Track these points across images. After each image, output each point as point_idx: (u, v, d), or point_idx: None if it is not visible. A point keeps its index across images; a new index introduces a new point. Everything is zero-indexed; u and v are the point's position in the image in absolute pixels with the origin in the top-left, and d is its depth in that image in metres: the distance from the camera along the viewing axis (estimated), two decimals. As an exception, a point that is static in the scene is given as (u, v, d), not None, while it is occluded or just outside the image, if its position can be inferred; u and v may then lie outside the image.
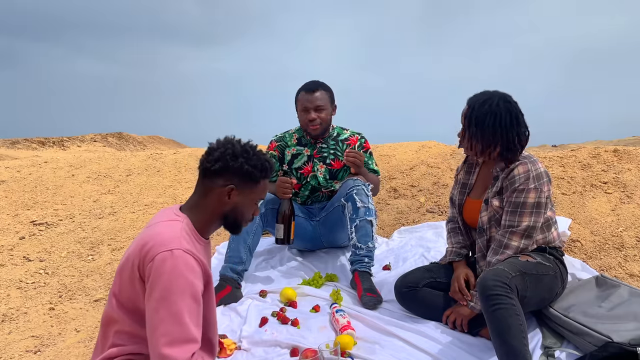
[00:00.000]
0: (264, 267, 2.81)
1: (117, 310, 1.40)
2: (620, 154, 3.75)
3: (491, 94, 1.98)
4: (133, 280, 1.36)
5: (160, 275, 1.29)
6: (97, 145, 19.63)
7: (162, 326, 1.27)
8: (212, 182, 1.46)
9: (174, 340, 1.27)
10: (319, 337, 1.99)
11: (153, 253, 1.31)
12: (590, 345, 1.74)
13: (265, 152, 2.78)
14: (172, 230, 1.38)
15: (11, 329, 2.43)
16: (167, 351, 1.25)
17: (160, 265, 1.30)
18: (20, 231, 3.64)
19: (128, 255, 1.40)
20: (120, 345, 1.40)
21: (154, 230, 1.40)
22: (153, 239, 1.35)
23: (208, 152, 1.48)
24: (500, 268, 1.74)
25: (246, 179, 1.47)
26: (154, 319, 1.29)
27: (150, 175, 4.72)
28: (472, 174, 2.19)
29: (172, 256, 1.30)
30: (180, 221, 1.43)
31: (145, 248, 1.34)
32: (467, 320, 1.96)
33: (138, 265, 1.35)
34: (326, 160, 2.73)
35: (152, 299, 1.30)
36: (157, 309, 1.28)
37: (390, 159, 4.59)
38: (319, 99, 2.62)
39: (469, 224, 2.19)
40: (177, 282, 1.30)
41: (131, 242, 1.53)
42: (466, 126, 2.01)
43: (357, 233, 2.42)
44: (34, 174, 4.92)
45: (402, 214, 3.56)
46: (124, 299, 1.39)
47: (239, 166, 1.44)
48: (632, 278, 2.48)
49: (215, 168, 1.44)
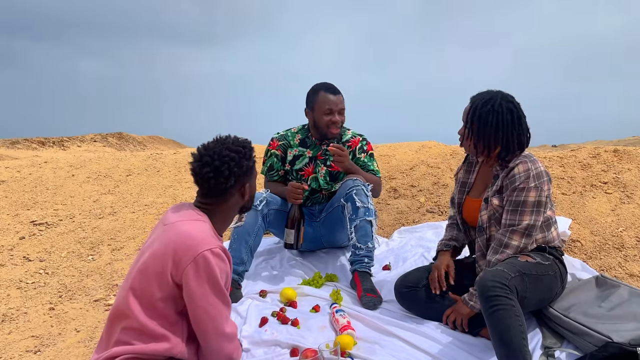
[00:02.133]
0: (264, 267, 2.81)
1: (133, 305, 1.43)
2: (620, 154, 3.75)
3: (494, 93, 1.99)
4: (161, 281, 1.43)
5: (207, 273, 1.43)
6: (97, 145, 19.64)
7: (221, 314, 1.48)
8: (229, 193, 1.60)
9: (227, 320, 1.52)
10: (319, 337, 1.99)
11: (192, 254, 1.42)
12: (590, 345, 1.74)
13: (267, 151, 2.79)
14: (202, 230, 1.50)
15: (11, 329, 2.43)
16: (229, 329, 1.51)
17: (205, 264, 1.42)
18: (20, 231, 3.64)
19: (154, 253, 1.46)
20: (126, 343, 1.42)
21: (181, 230, 1.47)
22: (189, 238, 1.45)
23: (217, 172, 1.55)
24: (500, 269, 1.74)
25: (249, 170, 1.65)
26: (212, 311, 1.45)
27: (150, 175, 4.72)
28: (472, 172, 2.20)
29: (213, 254, 1.44)
30: (203, 221, 1.55)
31: (180, 250, 1.43)
32: (467, 319, 1.96)
33: (172, 268, 1.42)
34: (327, 162, 2.73)
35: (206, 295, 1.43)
36: (212, 303, 1.45)
37: (390, 159, 4.59)
38: (342, 102, 2.65)
39: (468, 222, 2.19)
40: (222, 277, 1.47)
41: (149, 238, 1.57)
42: (468, 124, 2.02)
43: (356, 233, 2.42)
44: (34, 174, 4.93)
45: (402, 214, 3.56)
46: (143, 295, 1.44)
47: (245, 169, 1.60)
48: (632, 278, 2.48)
49: (232, 184, 1.58)
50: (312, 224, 2.78)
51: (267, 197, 2.58)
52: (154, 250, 1.46)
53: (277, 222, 2.67)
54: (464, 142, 2.06)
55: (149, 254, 1.47)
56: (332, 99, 2.60)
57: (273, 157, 2.79)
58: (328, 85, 2.65)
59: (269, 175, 2.83)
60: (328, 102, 2.60)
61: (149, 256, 1.46)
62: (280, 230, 2.74)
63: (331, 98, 2.60)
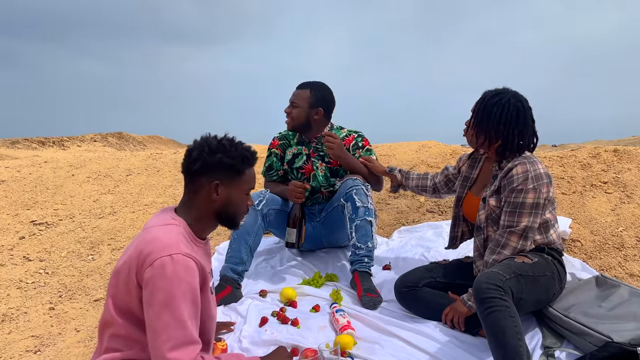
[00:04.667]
0: (264, 267, 2.81)
1: (113, 313, 1.40)
2: (620, 154, 3.75)
3: (507, 90, 2.03)
4: (129, 284, 1.36)
5: (161, 281, 1.30)
6: (97, 145, 19.64)
7: (166, 331, 1.28)
8: (197, 182, 1.48)
9: (178, 344, 1.29)
10: (319, 337, 1.99)
11: (152, 258, 1.32)
12: (591, 345, 1.74)
13: (268, 150, 2.79)
14: (170, 235, 1.39)
15: (11, 328, 2.43)
16: (172, 355, 1.27)
17: (161, 271, 1.30)
18: (20, 231, 3.64)
19: (125, 259, 1.40)
20: (114, 351, 1.40)
21: (150, 235, 1.40)
22: (151, 243, 1.35)
23: (187, 154, 1.49)
24: (495, 271, 1.75)
25: (229, 171, 1.48)
26: (157, 325, 1.29)
27: (150, 175, 4.72)
28: (475, 168, 2.22)
29: (172, 261, 1.31)
30: (176, 225, 1.44)
31: (144, 253, 1.34)
32: (463, 318, 1.97)
33: (136, 270, 1.35)
34: (324, 158, 2.73)
35: (154, 304, 1.30)
36: (159, 315, 1.29)
37: (390, 159, 4.59)
38: (295, 96, 2.66)
39: (468, 219, 2.21)
40: (179, 287, 1.31)
41: (130, 243, 1.53)
42: (474, 114, 2.05)
43: (356, 233, 2.42)
44: (34, 174, 4.93)
45: (402, 214, 3.56)
46: (119, 302, 1.39)
47: (218, 161, 1.46)
48: (632, 278, 2.48)
49: (196, 168, 1.46)
50: (312, 223, 2.78)
51: (267, 196, 2.58)
52: (126, 257, 1.41)
53: (277, 222, 2.67)
54: (467, 132, 2.10)
55: (122, 260, 1.42)
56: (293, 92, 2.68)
57: (273, 157, 2.81)
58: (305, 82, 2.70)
59: (268, 175, 2.84)
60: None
61: (122, 263, 1.41)
62: (280, 230, 2.74)
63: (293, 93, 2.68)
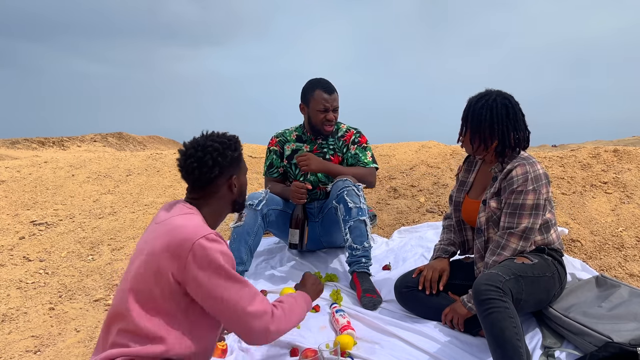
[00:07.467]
0: (264, 267, 2.81)
1: (132, 307, 1.41)
2: (620, 154, 3.76)
3: (490, 91, 2.03)
4: (160, 278, 1.40)
5: (208, 260, 1.39)
6: (97, 145, 19.64)
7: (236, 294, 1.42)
8: (215, 184, 1.57)
9: (251, 299, 1.44)
10: (319, 337, 1.99)
11: (189, 244, 1.38)
12: (591, 345, 1.74)
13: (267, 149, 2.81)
14: (194, 221, 1.47)
15: (11, 329, 2.43)
16: (252, 308, 1.42)
17: (203, 252, 1.39)
18: (20, 231, 3.64)
19: (150, 252, 1.43)
20: (122, 346, 1.41)
21: (173, 224, 1.45)
22: (180, 232, 1.42)
23: (200, 162, 1.53)
24: (494, 272, 1.75)
25: (237, 162, 1.62)
26: (225, 295, 1.40)
27: (150, 175, 4.72)
28: (472, 172, 2.21)
29: (209, 241, 1.41)
30: (194, 214, 1.52)
31: (175, 241, 1.40)
32: (462, 319, 1.97)
33: (170, 262, 1.39)
34: (325, 156, 2.74)
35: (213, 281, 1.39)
36: (223, 287, 1.40)
37: (390, 159, 4.59)
38: (337, 100, 2.69)
39: (468, 223, 2.20)
40: (224, 259, 1.42)
41: (140, 238, 1.55)
42: (464, 123, 2.04)
43: (351, 234, 2.42)
44: (34, 174, 4.92)
45: (402, 214, 3.56)
46: (144, 296, 1.42)
47: (230, 159, 1.57)
48: (632, 278, 2.49)
49: (215, 174, 1.54)
50: (311, 224, 2.78)
51: (267, 197, 2.58)
52: (149, 249, 1.44)
53: (278, 222, 2.67)
54: (462, 141, 2.08)
55: (146, 254, 1.45)
56: (327, 97, 2.65)
57: (273, 155, 2.85)
58: (324, 83, 2.68)
59: (269, 173, 2.86)
60: (323, 100, 2.64)
61: (146, 256, 1.44)
62: (280, 230, 2.74)
63: (326, 97, 2.65)
